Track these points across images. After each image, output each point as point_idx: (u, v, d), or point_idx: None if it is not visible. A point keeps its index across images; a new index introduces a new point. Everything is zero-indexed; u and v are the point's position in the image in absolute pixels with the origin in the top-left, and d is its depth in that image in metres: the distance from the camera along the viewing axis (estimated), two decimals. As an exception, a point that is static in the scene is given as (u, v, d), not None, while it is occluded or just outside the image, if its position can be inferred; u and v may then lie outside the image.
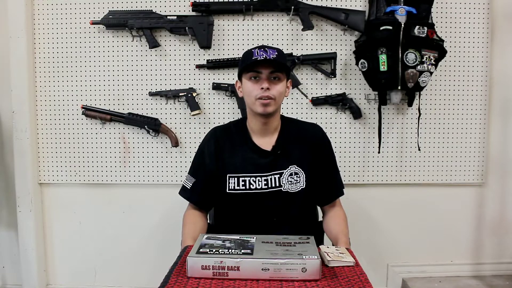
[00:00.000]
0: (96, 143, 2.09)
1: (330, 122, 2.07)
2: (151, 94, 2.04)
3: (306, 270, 0.98)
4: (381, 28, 1.86)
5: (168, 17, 1.98)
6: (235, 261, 0.99)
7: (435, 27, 1.91)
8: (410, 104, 2.00)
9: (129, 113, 2.04)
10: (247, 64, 1.32)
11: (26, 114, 2.04)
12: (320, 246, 1.21)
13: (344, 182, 1.49)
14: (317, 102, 2.04)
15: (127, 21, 1.96)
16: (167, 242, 2.05)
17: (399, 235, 2.17)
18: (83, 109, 2.04)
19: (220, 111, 2.06)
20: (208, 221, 1.53)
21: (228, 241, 1.10)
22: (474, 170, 2.13)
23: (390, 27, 1.84)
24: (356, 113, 2.04)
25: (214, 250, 1.04)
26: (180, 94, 2.02)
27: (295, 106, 2.06)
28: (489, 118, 2.11)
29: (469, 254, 2.20)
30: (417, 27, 1.85)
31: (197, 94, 2.04)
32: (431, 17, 1.92)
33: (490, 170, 2.15)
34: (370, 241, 2.14)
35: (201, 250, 1.04)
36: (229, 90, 2.01)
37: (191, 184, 1.43)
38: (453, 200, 2.16)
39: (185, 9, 2.01)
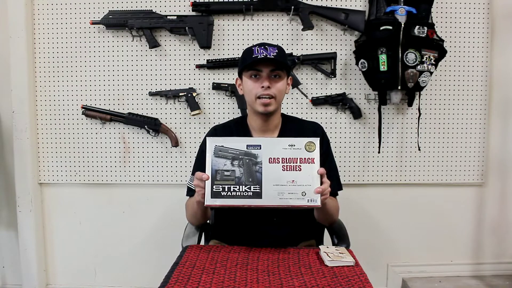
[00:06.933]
0: (96, 143, 2.09)
1: (330, 122, 2.07)
2: (151, 94, 2.04)
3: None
4: (381, 28, 1.86)
5: (168, 17, 1.98)
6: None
7: (435, 27, 1.91)
8: (410, 104, 2.00)
9: (129, 113, 2.04)
10: (248, 63, 1.33)
11: (26, 114, 2.04)
12: (320, 246, 1.22)
13: (344, 182, 1.49)
14: (317, 102, 2.04)
15: (127, 21, 1.96)
16: (167, 242, 2.05)
17: (399, 235, 2.17)
18: (83, 109, 2.04)
19: (220, 111, 2.06)
20: (208, 221, 1.54)
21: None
22: (474, 170, 2.13)
23: (390, 27, 1.84)
24: (356, 113, 2.04)
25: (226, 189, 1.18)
26: (180, 94, 2.02)
27: (295, 106, 2.06)
28: (489, 118, 2.11)
29: (469, 254, 2.20)
30: (417, 27, 1.85)
31: (197, 94, 2.04)
32: (431, 17, 1.92)
33: (490, 170, 2.15)
34: (370, 241, 2.14)
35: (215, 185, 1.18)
36: (229, 90, 2.01)
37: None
38: (453, 200, 2.16)
39: (185, 9, 2.01)
